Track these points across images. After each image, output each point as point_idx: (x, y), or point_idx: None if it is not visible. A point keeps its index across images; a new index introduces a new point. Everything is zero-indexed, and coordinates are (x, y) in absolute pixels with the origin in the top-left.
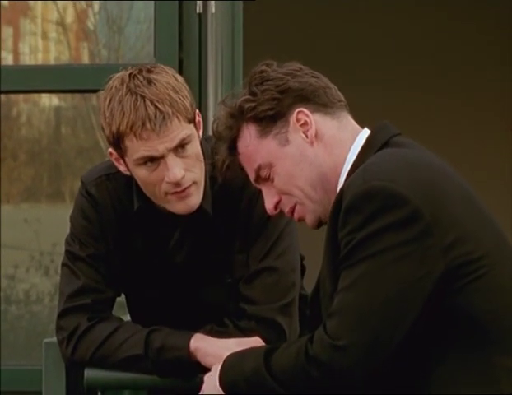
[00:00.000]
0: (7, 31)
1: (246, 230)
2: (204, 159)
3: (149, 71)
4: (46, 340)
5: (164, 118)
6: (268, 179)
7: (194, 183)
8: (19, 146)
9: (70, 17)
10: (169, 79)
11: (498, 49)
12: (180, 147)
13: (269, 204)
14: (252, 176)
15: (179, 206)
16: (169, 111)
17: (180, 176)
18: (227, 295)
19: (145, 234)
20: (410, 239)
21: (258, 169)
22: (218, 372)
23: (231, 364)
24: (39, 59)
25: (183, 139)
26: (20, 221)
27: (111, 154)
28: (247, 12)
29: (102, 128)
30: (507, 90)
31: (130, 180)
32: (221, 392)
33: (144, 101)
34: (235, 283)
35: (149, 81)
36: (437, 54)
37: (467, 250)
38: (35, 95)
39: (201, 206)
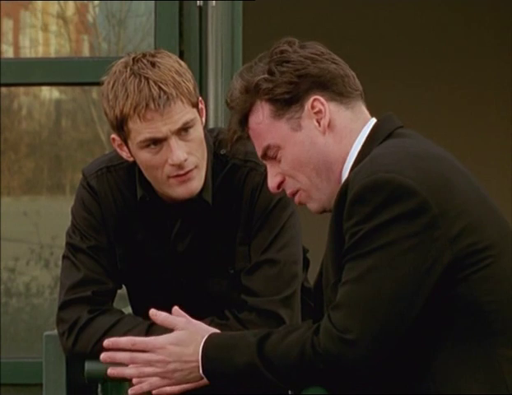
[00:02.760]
0: (8, 24)
1: (249, 222)
2: (207, 149)
3: (153, 55)
4: (46, 333)
5: (168, 98)
6: (275, 159)
7: (196, 167)
8: (19, 138)
9: (70, 10)
10: (172, 63)
11: (500, 42)
12: (184, 130)
13: (272, 183)
14: (259, 152)
15: (180, 190)
16: (173, 92)
17: (183, 158)
18: (230, 287)
19: (146, 225)
20: (417, 231)
21: (267, 148)
22: (200, 358)
23: (218, 355)
24: (40, 52)
25: (187, 122)
26: (20, 214)
27: (114, 140)
28: (247, 6)
29: (105, 113)
30: (509, 83)
31: (131, 172)
32: (202, 376)
33: (148, 82)
34: (237, 275)
35: (153, 64)
36: (438, 46)
37: (473, 240)
38: (36, 88)
39: (201, 196)
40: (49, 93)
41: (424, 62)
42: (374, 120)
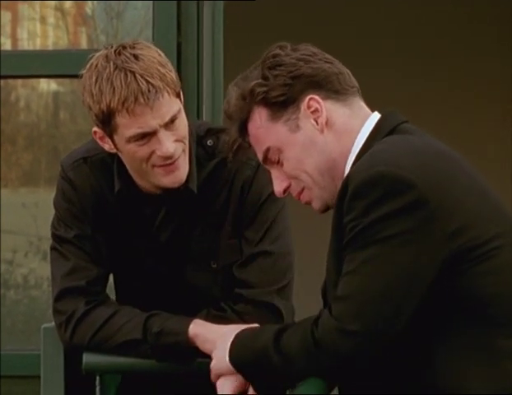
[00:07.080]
0: (6, 16)
1: (238, 215)
2: (188, 137)
3: (132, 47)
4: (44, 325)
5: (156, 91)
6: (278, 163)
7: (183, 151)
8: (17, 130)
9: (68, 3)
10: (154, 54)
11: (493, 36)
12: (171, 122)
13: (278, 187)
14: (260, 156)
15: (167, 180)
16: (160, 85)
17: (173, 150)
18: (212, 280)
19: (128, 214)
20: (414, 226)
21: (267, 151)
22: (228, 347)
23: (243, 342)
24: (38, 44)
25: (175, 115)
26: (18, 206)
27: (95, 133)
28: (242, 4)
29: (89, 107)
30: (501, 78)
31: (107, 163)
32: (230, 366)
33: (135, 76)
34: (224, 269)
35: (136, 57)
36: (438, 43)
37: (473, 235)
38: (34, 80)
39: (186, 185)
40: (47, 85)
41: (424, 60)
42: (376, 115)
